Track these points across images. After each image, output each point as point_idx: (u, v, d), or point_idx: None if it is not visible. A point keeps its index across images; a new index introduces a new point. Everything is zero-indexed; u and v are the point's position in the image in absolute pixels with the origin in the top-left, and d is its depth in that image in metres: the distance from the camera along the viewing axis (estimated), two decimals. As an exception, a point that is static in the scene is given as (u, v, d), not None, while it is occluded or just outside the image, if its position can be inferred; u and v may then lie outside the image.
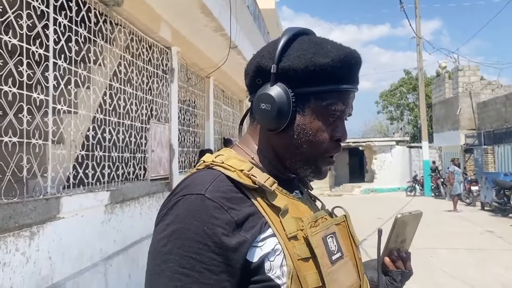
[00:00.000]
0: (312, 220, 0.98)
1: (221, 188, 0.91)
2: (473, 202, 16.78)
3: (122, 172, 4.65)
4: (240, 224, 0.88)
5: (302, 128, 0.99)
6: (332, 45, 1.00)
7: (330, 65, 0.96)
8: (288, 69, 0.98)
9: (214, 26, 6.09)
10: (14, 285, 2.72)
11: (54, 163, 3.36)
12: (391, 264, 1.15)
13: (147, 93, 5.41)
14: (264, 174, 0.97)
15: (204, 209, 0.87)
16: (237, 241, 0.86)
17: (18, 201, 2.80)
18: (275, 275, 0.88)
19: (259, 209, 0.92)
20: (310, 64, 0.96)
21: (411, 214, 1.13)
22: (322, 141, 1.00)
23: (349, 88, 1.00)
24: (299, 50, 0.98)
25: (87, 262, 3.67)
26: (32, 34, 3.14)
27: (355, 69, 1.02)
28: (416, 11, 22.81)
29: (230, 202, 0.89)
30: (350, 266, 1.03)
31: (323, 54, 0.97)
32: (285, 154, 1.03)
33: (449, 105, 22.94)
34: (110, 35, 4.43)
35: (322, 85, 0.98)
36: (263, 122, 1.01)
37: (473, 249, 8.90)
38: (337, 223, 1.07)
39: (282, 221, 0.92)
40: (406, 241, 1.16)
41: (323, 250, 0.95)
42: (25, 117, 2.98)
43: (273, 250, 0.89)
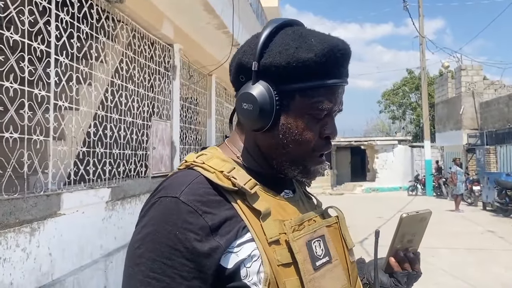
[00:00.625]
0: (297, 223, 0.93)
1: (197, 191, 0.87)
2: (475, 202, 16.77)
3: (123, 169, 4.65)
4: (215, 229, 0.85)
5: (288, 127, 0.95)
6: (317, 37, 0.94)
7: (314, 60, 0.90)
8: (269, 66, 0.93)
9: (217, 24, 6.09)
10: (14, 281, 2.72)
11: (55, 159, 3.36)
12: (396, 265, 1.09)
13: (149, 90, 5.41)
14: (245, 175, 0.93)
15: (178, 213, 0.85)
16: (209, 246, 0.83)
17: (19, 197, 2.80)
18: (252, 281, 0.85)
19: (238, 212, 0.88)
20: (292, 60, 0.91)
21: (417, 214, 1.07)
22: (309, 140, 0.96)
23: (337, 83, 0.94)
24: (281, 45, 0.93)
25: (87, 259, 3.67)
26: (34, 30, 3.14)
27: (343, 62, 0.95)
28: (419, 10, 22.78)
29: (205, 205, 0.86)
30: (339, 270, 0.98)
31: (306, 48, 0.91)
32: (271, 154, 0.99)
33: (452, 105, 22.90)
34: (112, 32, 4.43)
35: (306, 82, 0.92)
36: (246, 122, 0.97)
37: (474, 249, 8.90)
38: (327, 225, 1.02)
39: (262, 225, 0.88)
40: (414, 241, 1.10)
41: (305, 255, 0.90)
42: (26, 113, 2.98)
43: (250, 256, 0.85)
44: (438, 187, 21.11)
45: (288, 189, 1.03)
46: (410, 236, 1.08)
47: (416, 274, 1.10)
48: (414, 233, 1.09)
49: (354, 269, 1.04)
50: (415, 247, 1.11)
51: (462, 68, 22.24)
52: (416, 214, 1.07)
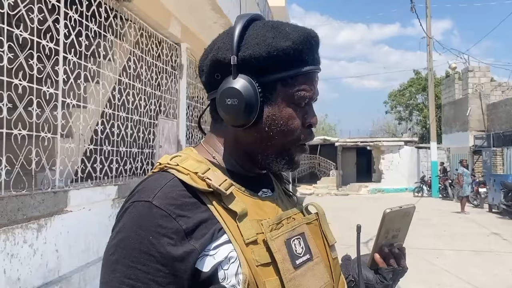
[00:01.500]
0: (275, 222, 0.91)
1: (171, 193, 0.85)
2: (481, 204, 16.71)
3: (129, 167, 4.67)
4: (189, 233, 0.83)
5: (273, 119, 0.93)
6: (289, 26, 0.95)
7: (292, 48, 0.91)
8: (249, 58, 0.91)
9: (224, 23, 6.11)
10: (21, 276, 2.75)
11: (63, 156, 3.39)
12: (381, 261, 1.07)
13: (156, 88, 5.43)
14: (221, 176, 0.91)
15: (151, 218, 0.83)
16: (184, 250, 0.82)
17: (27, 194, 2.82)
18: (230, 284, 0.83)
19: (214, 214, 0.86)
20: (271, 50, 0.90)
21: (401, 209, 1.06)
22: (294, 129, 0.95)
23: (313, 69, 0.96)
24: (257, 37, 0.92)
25: (93, 256, 3.69)
26: (43, 28, 3.16)
27: (316, 49, 0.97)
28: (427, 11, 22.71)
29: (179, 209, 0.84)
30: (321, 267, 0.97)
31: (284, 37, 0.91)
32: (256, 150, 0.97)
33: (459, 106, 22.81)
34: (120, 30, 4.45)
35: (287, 70, 0.92)
36: (230, 118, 0.94)
37: (479, 251, 8.87)
38: (307, 222, 1.01)
39: (239, 226, 0.86)
40: (399, 237, 1.09)
41: (284, 254, 0.89)
42: (34, 111, 3.01)
43: (227, 258, 0.84)
44: (444, 189, 21.04)
45: (266, 188, 1.01)
46: (395, 231, 1.08)
47: (402, 269, 1.09)
48: (399, 228, 1.08)
49: (336, 265, 1.03)
50: (400, 242, 1.10)
51: (470, 70, 22.16)
52: (400, 209, 1.06)
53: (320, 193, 24.24)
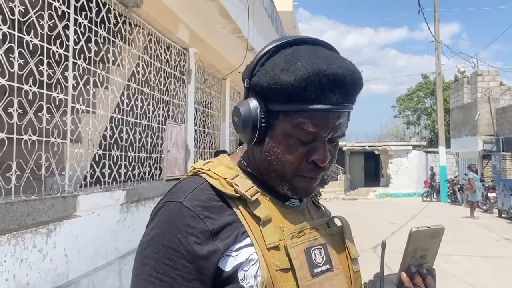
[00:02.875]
0: (296, 230, 0.95)
1: (200, 196, 0.92)
2: (490, 209, 16.57)
3: (138, 172, 4.69)
4: (215, 233, 0.89)
5: (272, 145, 0.96)
6: (309, 60, 0.91)
7: (292, 84, 0.90)
8: (255, 84, 0.96)
9: (232, 28, 6.12)
10: (30, 281, 2.76)
11: (72, 161, 3.40)
12: (407, 280, 1.04)
13: (164, 93, 5.45)
14: (248, 182, 0.96)
15: (180, 217, 0.89)
16: (208, 250, 0.87)
17: (36, 199, 2.84)
18: (249, 284, 0.88)
19: (239, 218, 0.91)
20: (272, 82, 0.92)
21: (428, 229, 1.03)
22: (291, 162, 0.96)
23: (321, 108, 0.91)
24: (271, 65, 0.94)
25: (102, 260, 3.71)
26: (52, 34, 3.19)
27: (331, 88, 0.91)
28: (435, 15, 22.64)
29: (207, 210, 0.90)
30: (341, 279, 0.99)
31: (290, 72, 0.91)
32: (262, 168, 1.01)
33: (467, 110, 22.69)
34: (129, 36, 4.48)
35: (287, 104, 0.93)
36: (238, 134, 1.02)
37: (489, 256, 8.80)
38: (331, 233, 1.03)
39: (262, 231, 0.91)
40: (428, 257, 1.07)
41: (303, 261, 0.92)
42: (44, 116, 3.03)
43: (248, 260, 0.89)
44: (453, 194, 20.90)
45: (294, 199, 1.04)
46: (423, 251, 1.06)
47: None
48: (427, 248, 1.06)
49: (357, 278, 1.05)
50: (430, 264, 1.08)
51: (478, 74, 22.04)
52: (427, 229, 1.04)
53: (328, 198, 24.17)
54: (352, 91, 0.95)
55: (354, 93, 0.96)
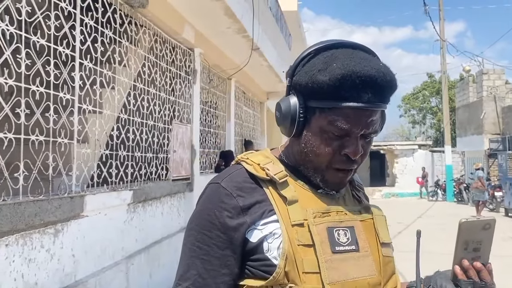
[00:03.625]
0: (320, 211, 1.04)
1: (236, 178, 1.06)
2: (497, 208, 16.48)
3: (144, 172, 4.70)
4: (245, 209, 1.02)
5: (308, 139, 1.07)
6: (344, 62, 1.00)
7: (327, 83, 0.99)
8: (296, 83, 1.07)
9: (237, 28, 6.12)
10: (38, 281, 2.77)
11: (79, 162, 3.41)
12: (460, 273, 1.04)
13: (170, 94, 5.46)
14: (279, 168, 1.08)
15: (217, 195, 1.04)
16: (237, 222, 1.01)
17: (44, 199, 2.85)
18: (272, 255, 0.99)
19: (269, 197, 1.03)
20: (310, 81, 1.02)
21: (478, 220, 1.03)
22: (324, 154, 1.05)
23: (354, 106, 1.00)
24: (310, 66, 1.04)
25: (109, 260, 3.71)
26: (59, 34, 3.19)
27: (363, 87, 0.99)
28: (440, 13, 22.55)
29: (240, 190, 1.04)
30: (368, 261, 1.04)
31: (326, 72, 1.00)
32: (299, 159, 1.12)
33: (473, 109, 22.59)
34: (135, 36, 4.49)
35: (323, 101, 1.02)
36: (279, 127, 1.13)
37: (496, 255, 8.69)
38: (361, 219, 1.10)
39: (288, 209, 1.02)
40: (482, 250, 1.06)
41: (324, 238, 1.00)
42: (51, 116, 3.04)
43: (272, 233, 1.00)
44: (459, 193, 20.80)
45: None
46: (475, 244, 1.05)
47: (485, 285, 1.05)
48: (479, 241, 1.05)
49: (388, 264, 1.09)
50: (484, 257, 1.07)
51: (484, 72, 21.95)
52: (476, 220, 1.04)
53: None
54: (384, 92, 1.03)
55: (386, 94, 1.04)
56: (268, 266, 0.99)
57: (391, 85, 1.03)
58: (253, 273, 1.01)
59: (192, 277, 1.03)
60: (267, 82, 10.52)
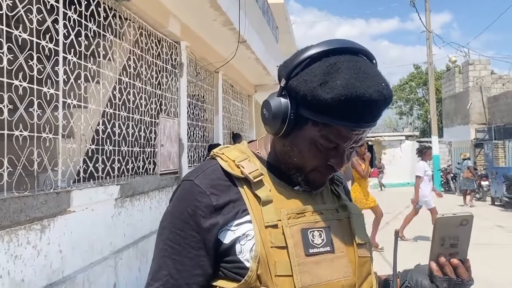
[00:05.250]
0: (295, 212, 1.02)
1: (210, 176, 1.03)
2: (483, 197, 16.68)
3: (131, 166, 4.67)
4: (218, 209, 0.99)
5: (295, 144, 1.03)
6: (348, 79, 0.94)
7: (328, 103, 0.94)
8: (292, 88, 1.00)
9: (223, 21, 6.08)
10: (25, 277, 2.75)
11: (65, 157, 3.38)
12: (436, 269, 1.03)
13: (156, 87, 5.42)
14: (254, 166, 1.05)
15: (191, 193, 1.02)
16: (210, 223, 0.98)
17: (29, 195, 2.82)
18: (245, 258, 0.97)
19: (243, 197, 1.01)
20: (309, 94, 0.96)
21: (454, 216, 1.01)
22: (310, 162, 1.04)
23: (349, 126, 0.98)
24: (310, 74, 0.97)
25: (97, 256, 3.69)
26: (42, 28, 3.15)
27: (364, 111, 0.96)
28: (426, 4, 22.60)
29: (214, 188, 1.01)
30: (343, 262, 1.02)
31: (327, 88, 0.94)
32: (281, 158, 1.09)
33: (459, 100, 22.77)
34: (120, 30, 4.44)
35: (317, 115, 0.98)
36: (264, 125, 1.09)
37: (483, 244, 8.85)
38: (337, 219, 1.07)
39: (262, 210, 0.99)
40: (459, 246, 1.04)
41: (297, 241, 0.98)
42: (35, 111, 3.00)
43: (245, 235, 0.97)
44: (446, 183, 21.00)
45: None
46: (452, 240, 1.03)
47: (462, 282, 1.03)
48: (456, 237, 1.03)
49: (364, 264, 1.06)
50: (463, 253, 1.05)
51: (470, 63, 22.12)
52: (453, 216, 1.02)
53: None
54: (381, 112, 1.02)
55: (382, 113, 1.03)
56: (240, 269, 0.97)
57: (389, 104, 1.02)
58: (226, 275, 0.99)
59: (163, 278, 1.01)
60: (254, 75, 10.50)
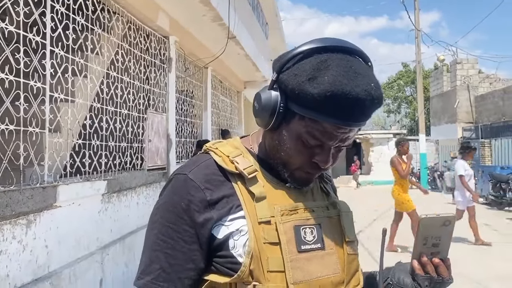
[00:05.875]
0: (288, 209, 1.02)
1: (204, 170, 1.03)
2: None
3: (119, 162, 4.64)
4: (212, 203, 1.00)
5: (283, 139, 1.04)
6: (335, 76, 0.95)
7: (314, 98, 0.95)
8: (282, 82, 1.02)
9: (213, 16, 6.07)
10: (10, 273, 2.72)
11: (51, 151, 3.35)
12: (418, 267, 1.06)
13: (144, 82, 5.39)
14: (248, 161, 1.06)
15: (184, 188, 1.01)
16: (204, 217, 0.99)
17: (15, 189, 2.79)
18: (238, 253, 0.97)
19: (237, 192, 1.01)
20: (297, 88, 0.97)
21: (438, 216, 1.04)
22: (295, 158, 1.04)
23: (334, 123, 0.98)
24: (300, 69, 0.98)
25: (83, 251, 3.67)
26: (29, 21, 3.11)
27: (350, 109, 0.96)
28: (415, 3, 22.71)
29: (208, 183, 1.01)
30: (333, 259, 1.04)
31: (315, 83, 0.95)
32: (270, 152, 1.10)
33: (447, 98, 22.94)
34: (108, 24, 4.41)
35: (304, 109, 0.99)
36: (255, 118, 1.09)
37: (468, 241, 8.95)
38: (328, 216, 1.09)
39: (255, 206, 1.00)
40: (441, 246, 1.07)
41: (290, 237, 0.99)
42: (22, 105, 2.96)
43: (238, 230, 0.98)
44: (433, 181, 21.17)
45: None
46: (434, 239, 1.06)
47: (442, 280, 1.06)
48: (439, 237, 1.06)
49: (353, 261, 1.08)
50: (444, 253, 1.08)
51: (458, 62, 22.27)
52: (436, 216, 1.04)
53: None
54: (369, 113, 1.01)
55: (370, 114, 1.02)
56: (233, 264, 0.97)
57: (377, 107, 1.01)
58: (219, 269, 0.99)
59: (155, 271, 1.00)
60: (244, 71, 10.49)
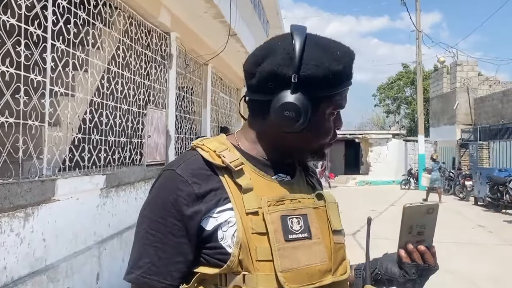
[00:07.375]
0: (275, 199, 1.05)
1: (191, 165, 1.06)
2: (467, 197, 16.85)
3: (118, 157, 4.65)
4: (200, 197, 1.02)
5: (316, 126, 1.09)
6: (339, 49, 1.08)
7: (343, 72, 1.07)
8: (309, 77, 1.04)
9: (214, 13, 6.07)
10: (7, 265, 2.73)
11: (50, 145, 3.35)
12: (405, 256, 1.10)
13: (145, 78, 5.39)
14: (234, 155, 1.08)
15: (173, 182, 1.03)
16: (192, 210, 1.01)
17: (13, 182, 2.79)
18: (226, 244, 1.00)
19: (224, 185, 1.04)
20: (327, 73, 1.04)
21: (421, 205, 1.08)
22: (329, 134, 1.13)
23: (349, 83, 1.11)
24: (314, 59, 1.04)
25: (81, 245, 3.68)
26: (30, 14, 3.11)
27: (351, 67, 1.11)
28: (416, 4, 22.71)
29: (195, 177, 1.03)
30: (320, 248, 1.06)
31: (337, 61, 1.06)
32: (296, 149, 1.13)
33: (447, 100, 22.97)
34: (109, 19, 4.41)
35: (335, 88, 1.07)
36: (284, 126, 1.07)
37: (464, 243, 8.97)
38: (314, 206, 1.11)
39: (243, 198, 1.02)
40: (425, 234, 1.11)
41: (277, 227, 1.02)
42: (22, 98, 2.97)
43: (226, 221, 1.00)
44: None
45: (284, 174, 1.14)
46: (419, 228, 1.09)
47: (428, 267, 1.11)
48: (423, 225, 1.09)
49: (339, 250, 1.11)
50: (428, 240, 1.12)
51: (458, 64, 22.30)
52: (420, 205, 1.08)
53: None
54: None
55: None
56: (222, 254, 1.00)
57: None
58: (208, 261, 1.02)
59: (145, 266, 1.02)
60: (244, 68, 10.47)
